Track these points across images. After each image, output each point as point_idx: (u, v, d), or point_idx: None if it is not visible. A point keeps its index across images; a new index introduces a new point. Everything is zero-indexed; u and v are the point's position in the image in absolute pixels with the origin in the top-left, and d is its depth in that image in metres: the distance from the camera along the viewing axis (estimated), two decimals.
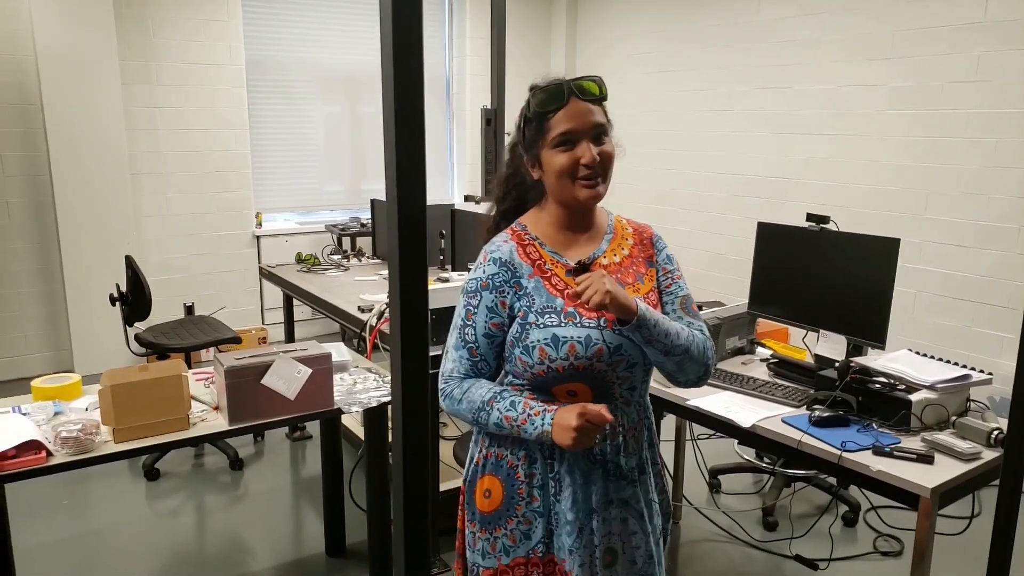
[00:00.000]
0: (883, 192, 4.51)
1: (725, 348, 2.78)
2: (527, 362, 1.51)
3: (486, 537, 1.60)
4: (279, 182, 5.97)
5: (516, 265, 1.55)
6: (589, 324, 1.49)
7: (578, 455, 1.54)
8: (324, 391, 2.47)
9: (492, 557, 1.59)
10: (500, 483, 1.58)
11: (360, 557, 3.07)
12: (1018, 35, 3.84)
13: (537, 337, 1.49)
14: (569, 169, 1.50)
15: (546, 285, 1.53)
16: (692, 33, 5.60)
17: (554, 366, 1.48)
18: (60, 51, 4.77)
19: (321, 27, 5.86)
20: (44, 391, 2.46)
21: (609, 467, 1.56)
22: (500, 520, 1.58)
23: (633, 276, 1.59)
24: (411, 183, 0.69)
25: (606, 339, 1.49)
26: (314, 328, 6.02)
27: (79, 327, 5.11)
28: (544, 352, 1.48)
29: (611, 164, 1.54)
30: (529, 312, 1.52)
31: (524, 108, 1.56)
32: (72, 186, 4.94)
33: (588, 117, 1.50)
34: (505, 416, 1.48)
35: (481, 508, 1.60)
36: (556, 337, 1.48)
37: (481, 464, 1.61)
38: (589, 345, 1.48)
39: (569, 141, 1.49)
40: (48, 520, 3.34)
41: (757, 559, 3.07)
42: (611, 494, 1.57)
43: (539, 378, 1.52)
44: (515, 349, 1.53)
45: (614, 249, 1.61)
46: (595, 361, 1.48)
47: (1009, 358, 3.92)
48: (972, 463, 1.96)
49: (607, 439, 1.55)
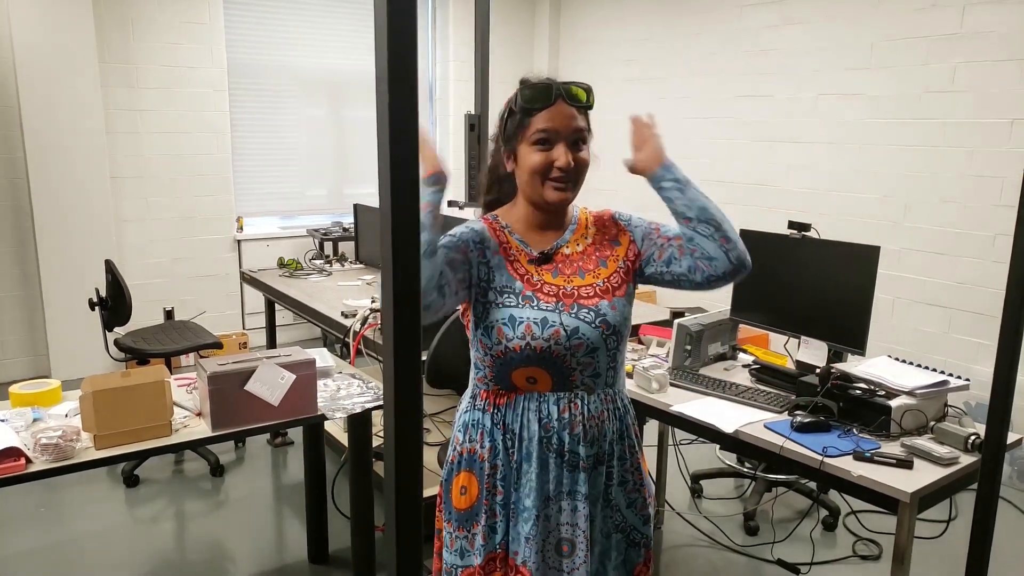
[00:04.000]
0: (863, 200, 4.56)
1: (707, 354, 2.80)
2: (486, 344, 1.56)
3: (464, 535, 1.61)
4: (261, 186, 5.93)
5: (485, 238, 1.61)
6: (546, 307, 1.54)
7: (536, 443, 1.56)
8: (308, 397, 2.45)
9: (471, 555, 1.60)
10: (475, 478, 1.60)
11: (343, 564, 3.06)
12: (994, 46, 3.91)
13: (495, 317, 1.54)
14: (542, 168, 1.53)
15: (508, 267, 1.58)
16: (675, 41, 5.65)
17: (511, 346, 1.52)
18: (38, 53, 4.72)
19: (303, 31, 5.84)
20: (22, 397, 2.43)
21: (566, 456, 1.57)
22: (476, 516, 1.60)
23: (595, 262, 1.63)
24: (405, 181, 0.69)
25: (563, 322, 1.53)
26: (295, 333, 5.99)
27: (56, 332, 5.04)
28: (502, 332, 1.53)
29: (584, 172, 1.58)
30: (488, 289, 1.57)
31: (510, 100, 1.59)
32: (50, 189, 4.88)
33: (570, 121, 1.53)
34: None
35: (457, 506, 1.62)
36: (513, 317, 1.53)
37: (456, 462, 1.64)
38: (545, 326, 1.52)
39: (547, 141, 1.53)
40: (25, 528, 3.29)
41: (738, 563, 3.09)
42: (565, 484, 1.57)
43: (499, 360, 1.55)
44: (477, 331, 1.58)
45: (576, 240, 1.65)
46: (552, 344, 1.52)
47: (984, 364, 3.98)
48: (950, 468, 1.99)
49: (566, 428, 1.56)
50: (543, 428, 1.56)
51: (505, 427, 1.59)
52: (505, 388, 1.59)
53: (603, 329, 1.55)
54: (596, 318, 1.55)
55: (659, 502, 3.40)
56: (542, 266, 1.60)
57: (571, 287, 1.58)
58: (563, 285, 1.58)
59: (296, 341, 5.79)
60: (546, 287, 1.57)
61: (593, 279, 1.59)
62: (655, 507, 2.02)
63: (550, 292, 1.56)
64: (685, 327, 2.73)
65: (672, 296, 5.05)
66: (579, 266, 1.61)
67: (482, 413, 1.61)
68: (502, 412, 1.59)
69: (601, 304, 1.56)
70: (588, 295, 1.57)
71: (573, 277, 1.59)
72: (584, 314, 1.55)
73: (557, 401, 1.57)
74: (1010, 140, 3.89)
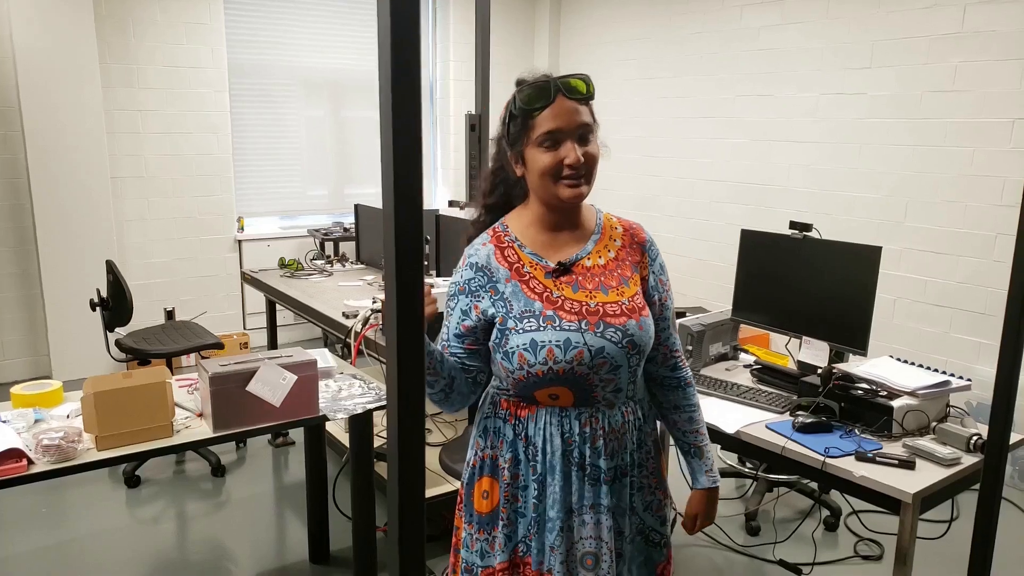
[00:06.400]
0: (863, 200, 4.56)
1: (709, 354, 2.80)
2: (508, 368, 1.51)
3: (484, 538, 1.61)
4: (262, 186, 5.93)
5: (493, 270, 1.54)
6: (569, 327, 1.49)
7: (559, 457, 1.54)
8: (310, 398, 2.45)
9: (491, 556, 1.60)
10: (498, 484, 1.60)
11: (344, 564, 3.06)
12: (995, 46, 3.90)
13: (516, 343, 1.49)
14: (552, 169, 1.48)
15: (524, 289, 1.52)
16: (675, 40, 5.64)
17: (533, 371, 1.48)
18: (39, 53, 4.72)
19: (304, 31, 5.84)
20: (24, 398, 2.43)
21: (587, 470, 1.55)
22: (496, 520, 1.59)
23: (618, 279, 1.57)
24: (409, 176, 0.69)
25: (587, 342, 1.48)
26: (296, 333, 5.99)
27: (57, 332, 5.04)
28: (523, 357, 1.48)
29: (595, 165, 1.53)
30: (508, 317, 1.51)
31: (509, 103, 1.54)
32: (51, 190, 4.88)
33: (574, 117, 1.48)
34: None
35: (479, 509, 1.61)
36: (534, 342, 1.48)
37: (478, 466, 1.62)
38: (568, 349, 1.47)
39: (554, 140, 1.48)
40: (26, 528, 3.29)
41: (740, 564, 3.09)
42: (588, 498, 1.56)
43: (520, 383, 1.52)
44: (496, 355, 1.54)
45: (600, 251, 1.59)
46: (575, 365, 1.48)
47: (985, 363, 3.98)
48: (952, 468, 1.99)
49: (587, 442, 1.54)
50: (565, 442, 1.54)
51: (527, 439, 1.56)
52: (527, 401, 1.56)
53: (629, 349, 1.51)
54: (623, 338, 1.50)
55: None
56: (560, 278, 1.54)
57: (595, 303, 1.52)
58: (586, 301, 1.52)
59: (297, 341, 5.79)
60: (567, 303, 1.51)
61: (618, 296, 1.54)
62: (673, 507, 2.01)
63: (572, 309, 1.50)
64: (687, 327, 2.72)
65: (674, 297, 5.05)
66: (601, 281, 1.55)
67: (503, 422, 1.59)
68: (524, 424, 1.56)
69: (629, 323, 1.51)
70: (615, 313, 1.51)
71: (596, 293, 1.53)
72: (611, 333, 1.50)
73: (579, 416, 1.54)
74: (1011, 140, 3.88)
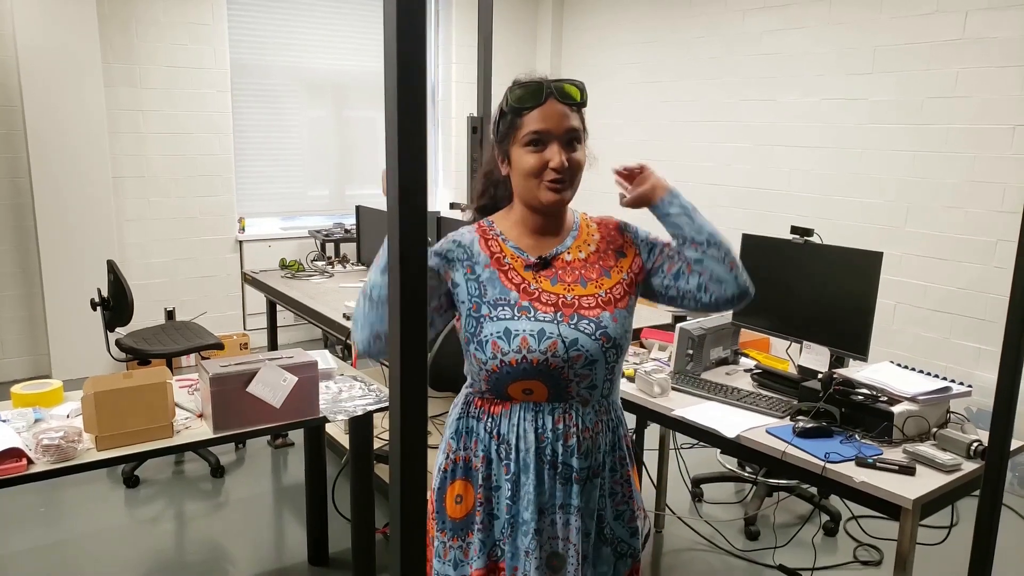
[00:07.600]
0: (865, 205, 4.56)
1: (709, 359, 2.80)
2: (481, 359, 1.50)
3: (458, 545, 1.58)
4: (263, 187, 5.94)
5: (475, 252, 1.55)
6: (544, 318, 1.48)
7: (532, 454, 1.52)
8: (310, 399, 2.45)
9: (465, 564, 1.58)
10: (471, 487, 1.58)
11: (343, 566, 3.05)
12: (996, 52, 3.91)
13: (490, 330, 1.49)
14: (536, 170, 1.48)
15: (501, 278, 1.53)
16: (677, 44, 5.65)
17: (507, 359, 1.47)
18: (42, 52, 4.72)
19: (306, 31, 5.85)
20: (24, 398, 2.43)
21: (559, 468, 1.54)
22: (471, 525, 1.57)
23: (598, 271, 1.57)
24: (414, 178, 0.69)
25: (561, 333, 1.48)
26: (296, 334, 5.99)
27: (58, 332, 5.04)
28: (496, 345, 1.48)
29: (579, 172, 1.53)
30: (481, 304, 1.51)
31: (502, 101, 1.54)
32: (53, 189, 4.89)
33: (563, 120, 1.48)
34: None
35: (452, 515, 1.59)
36: (508, 330, 1.47)
37: (450, 469, 1.60)
38: (542, 339, 1.46)
39: (540, 141, 1.48)
40: (25, 528, 3.29)
41: (739, 568, 3.09)
42: (558, 497, 1.54)
43: (494, 375, 1.50)
44: (470, 346, 1.53)
45: (579, 246, 1.59)
46: (550, 356, 1.47)
47: (986, 369, 3.98)
48: (953, 474, 1.99)
49: (560, 439, 1.53)
50: (538, 439, 1.53)
51: (500, 437, 1.55)
52: (500, 398, 1.55)
53: (603, 342, 1.50)
54: (597, 330, 1.50)
55: (659, 506, 3.40)
56: (540, 272, 1.54)
57: (572, 296, 1.52)
58: (563, 294, 1.52)
59: (297, 342, 5.79)
60: (544, 295, 1.52)
61: (596, 289, 1.54)
62: (646, 521, 1.98)
63: (548, 301, 1.51)
64: (687, 331, 2.72)
65: None
66: (581, 274, 1.55)
67: (476, 421, 1.57)
68: (497, 421, 1.55)
69: (603, 315, 1.51)
70: (589, 305, 1.52)
71: (574, 286, 1.54)
72: (584, 325, 1.49)
73: (552, 411, 1.53)
74: (1012, 146, 3.89)
